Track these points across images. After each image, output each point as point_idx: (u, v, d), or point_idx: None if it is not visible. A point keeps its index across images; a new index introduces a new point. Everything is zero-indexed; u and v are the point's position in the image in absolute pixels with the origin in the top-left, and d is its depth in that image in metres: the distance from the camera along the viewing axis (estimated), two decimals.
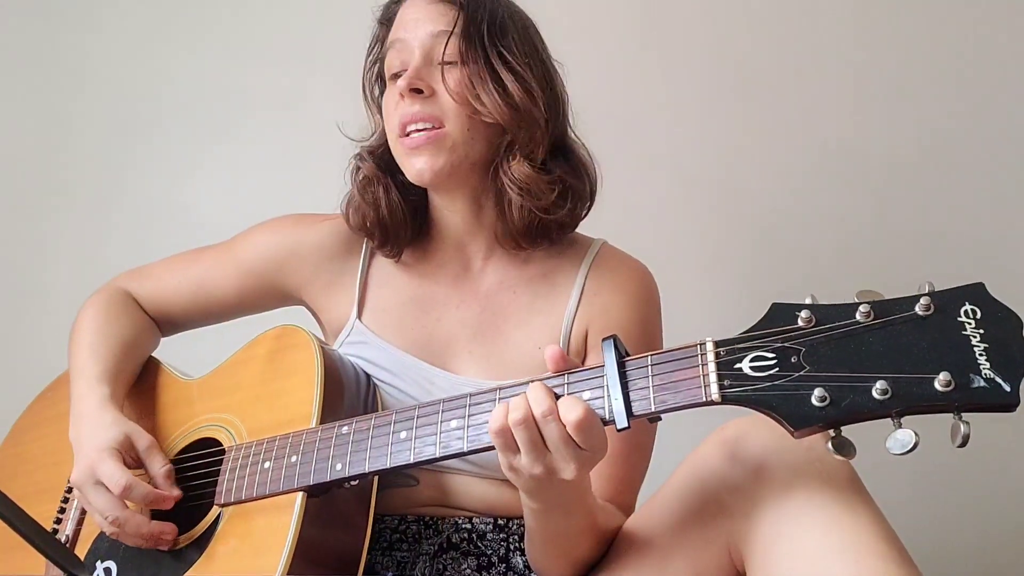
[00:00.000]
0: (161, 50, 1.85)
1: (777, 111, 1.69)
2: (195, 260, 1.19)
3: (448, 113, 1.00)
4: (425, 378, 1.06)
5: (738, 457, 0.82)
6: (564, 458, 0.77)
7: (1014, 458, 1.59)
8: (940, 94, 1.66)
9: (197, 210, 1.80)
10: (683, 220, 1.69)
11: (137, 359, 1.15)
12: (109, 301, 1.17)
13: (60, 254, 1.84)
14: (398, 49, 1.03)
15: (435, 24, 1.02)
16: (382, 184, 1.08)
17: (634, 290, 1.08)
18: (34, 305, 1.70)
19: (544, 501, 0.85)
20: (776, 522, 0.79)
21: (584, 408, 0.76)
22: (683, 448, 0.91)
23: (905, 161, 1.66)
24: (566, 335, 1.06)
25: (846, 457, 0.69)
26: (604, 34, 1.70)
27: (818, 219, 1.67)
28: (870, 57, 1.67)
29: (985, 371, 0.66)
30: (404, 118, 1.00)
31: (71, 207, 1.85)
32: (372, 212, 1.08)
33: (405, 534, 1.03)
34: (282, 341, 1.05)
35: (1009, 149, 1.64)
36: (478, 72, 1.00)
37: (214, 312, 1.19)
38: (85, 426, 1.01)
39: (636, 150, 1.60)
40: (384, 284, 1.13)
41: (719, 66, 1.70)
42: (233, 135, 1.82)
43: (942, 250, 1.61)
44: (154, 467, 0.99)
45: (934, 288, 0.71)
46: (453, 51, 1.01)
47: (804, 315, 0.72)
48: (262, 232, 1.17)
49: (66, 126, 1.87)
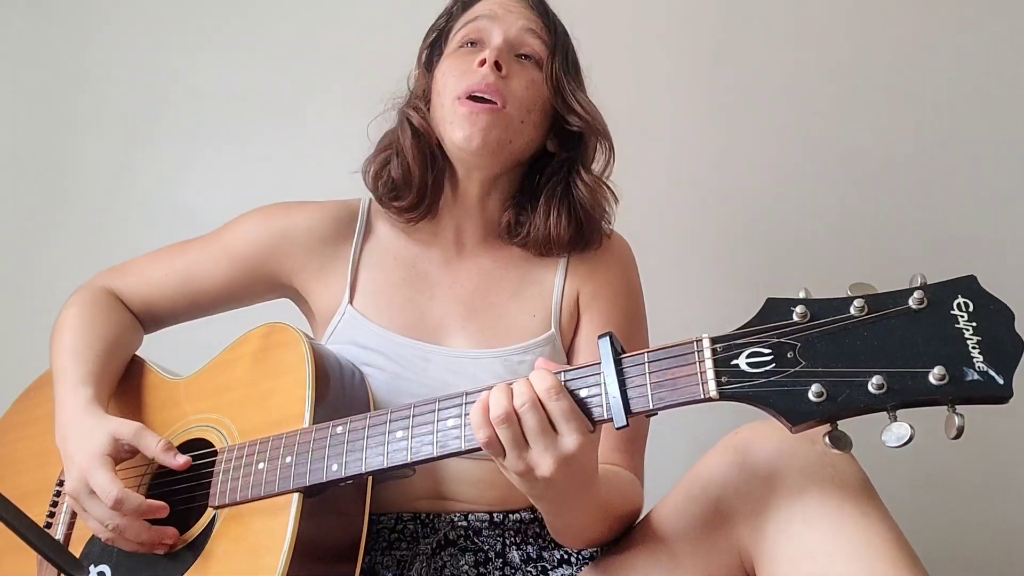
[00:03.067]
0: (161, 51, 1.86)
1: (773, 110, 1.70)
2: (179, 252, 1.18)
3: (515, 98, 1.05)
4: (420, 356, 1.07)
5: (748, 462, 0.83)
6: (540, 451, 0.77)
7: (1013, 458, 1.61)
8: (936, 94, 1.67)
9: (197, 210, 1.77)
10: (679, 219, 1.71)
11: (120, 359, 1.13)
12: (90, 300, 1.15)
13: (60, 254, 1.84)
14: (479, 25, 1.09)
15: (526, 21, 1.10)
16: (429, 139, 1.10)
17: (616, 252, 1.16)
18: (34, 305, 1.67)
19: (550, 505, 0.86)
20: (786, 527, 0.79)
21: (551, 376, 0.78)
22: (684, 447, 0.92)
23: (901, 160, 1.67)
24: (557, 302, 1.11)
25: (842, 450, 0.70)
26: (601, 34, 1.68)
27: (814, 218, 1.69)
28: (866, 56, 1.69)
29: (978, 364, 0.67)
30: (476, 85, 1.04)
31: (71, 207, 1.86)
32: (418, 168, 1.10)
33: (403, 533, 1.03)
34: (271, 339, 1.04)
35: (1005, 148, 1.66)
36: (572, 82, 1.09)
37: (201, 304, 1.17)
38: (71, 432, 1.00)
39: (634, 150, 1.60)
40: (376, 267, 1.13)
41: (718, 66, 1.71)
42: (233, 135, 1.83)
43: (939, 249, 1.63)
44: (150, 447, 0.97)
45: (926, 281, 0.71)
46: (541, 52, 1.09)
47: (799, 310, 0.73)
48: (251, 220, 1.16)
49: (66, 126, 1.87)
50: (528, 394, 0.77)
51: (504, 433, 0.77)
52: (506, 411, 0.77)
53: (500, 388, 0.78)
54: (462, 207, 1.13)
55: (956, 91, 1.67)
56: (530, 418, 0.76)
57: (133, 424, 0.99)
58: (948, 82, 1.67)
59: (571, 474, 0.79)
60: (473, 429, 0.79)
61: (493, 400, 0.77)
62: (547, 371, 0.79)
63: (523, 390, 0.77)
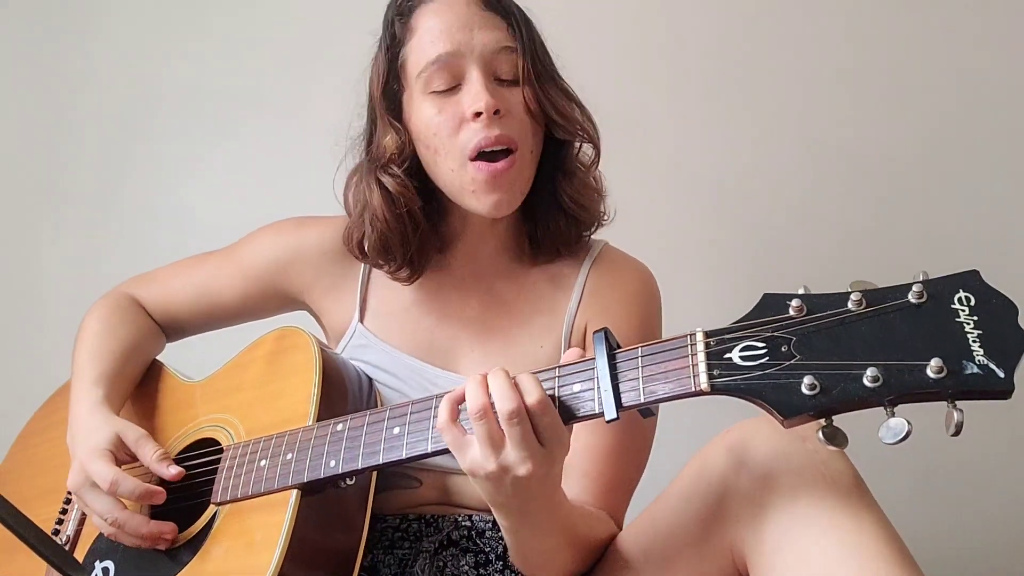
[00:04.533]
0: (160, 53, 1.86)
1: (774, 110, 1.69)
2: (199, 265, 1.20)
3: (519, 135, 0.98)
4: (428, 380, 1.06)
5: (742, 462, 0.81)
6: (520, 454, 0.75)
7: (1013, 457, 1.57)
8: (939, 94, 1.65)
9: (197, 213, 1.80)
10: (681, 220, 1.69)
11: (139, 363, 1.15)
12: (113, 306, 1.18)
13: (58, 258, 1.84)
14: (448, 64, 0.97)
15: (493, 38, 0.98)
16: (407, 203, 1.02)
17: (634, 290, 1.08)
18: (33, 308, 1.72)
19: (510, 516, 0.82)
20: (779, 527, 0.77)
21: (540, 388, 0.76)
22: (683, 452, 0.90)
23: (903, 161, 1.65)
24: (567, 334, 1.06)
25: (838, 447, 0.68)
26: (601, 34, 1.71)
27: (816, 218, 1.66)
28: (868, 57, 1.67)
29: (979, 357, 0.64)
30: (484, 142, 0.95)
31: (70, 210, 1.86)
32: (396, 236, 1.02)
33: (407, 532, 1.02)
34: (283, 343, 1.05)
35: (1007, 148, 1.63)
36: (551, 90, 1.01)
37: (218, 317, 1.19)
38: (79, 430, 1.02)
39: (635, 150, 1.61)
40: (387, 286, 1.12)
41: (717, 66, 1.70)
42: (233, 138, 1.82)
43: (940, 249, 1.59)
44: (146, 454, 0.98)
45: (928, 276, 0.70)
46: (521, 68, 0.98)
47: (795, 304, 0.71)
48: (264, 236, 1.17)
49: (65, 129, 1.87)
50: (513, 403, 0.75)
51: (481, 429, 0.75)
52: (483, 406, 0.75)
53: (477, 381, 0.77)
54: (473, 237, 1.09)
55: (956, 90, 1.64)
56: (516, 429, 0.75)
57: (138, 429, 1.00)
58: (948, 81, 1.64)
59: (543, 479, 0.77)
60: (439, 426, 0.78)
61: (470, 393, 0.76)
62: (535, 381, 0.77)
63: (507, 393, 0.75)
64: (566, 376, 0.79)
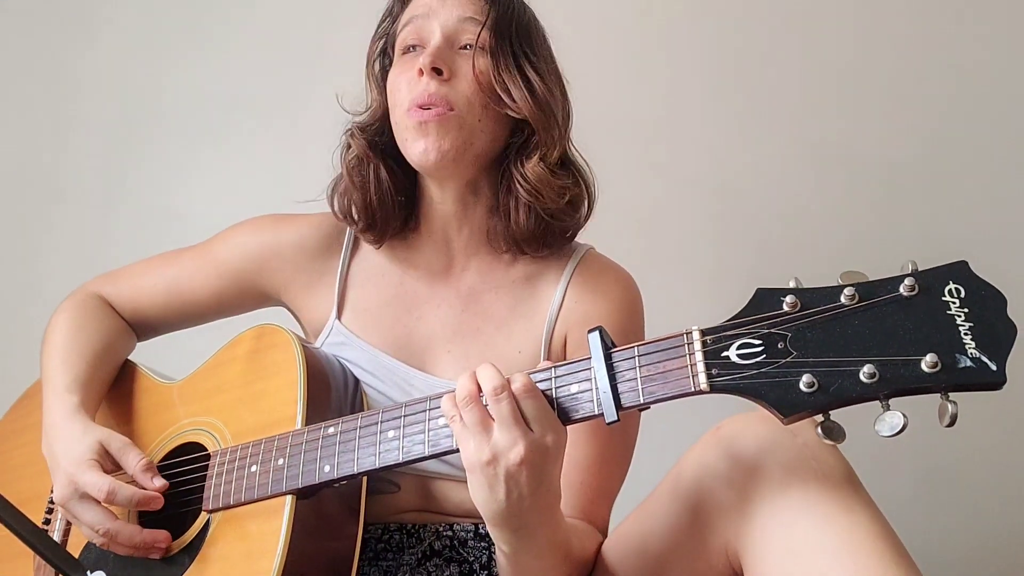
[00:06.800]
0: (158, 55, 1.86)
1: (772, 112, 1.69)
2: (171, 262, 1.17)
3: (463, 99, 0.99)
4: (403, 379, 1.05)
5: (733, 455, 0.81)
6: (507, 435, 0.75)
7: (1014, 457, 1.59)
8: (938, 94, 1.66)
9: (194, 214, 1.79)
10: (678, 222, 1.70)
11: (110, 365, 1.13)
12: (80, 306, 1.14)
13: (56, 258, 1.83)
14: (417, 25, 1.02)
15: (463, 10, 1.02)
16: (373, 165, 1.06)
17: (616, 297, 1.06)
18: (30, 309, 1.68)
19: (508, 532, 0.81)
20: (771, 521, 0.77)
21: (527, 375, 0.77)
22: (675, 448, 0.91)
23: (903, 161, 1.66)
24: (546, 341, 1.05)
25: (835, 442, 0.69)
26: (600, 36, 1.70)
27: (816, 218, 1.68)
28: (868, 57, 1.68)
29: (971, 350, 0.66)
30: (419, 98, 0.98)
31: (68, 211, 1.85)
32: (359, 195, 1.06)
33: (389, 543, 1.02)
34: (262, 341, 1.03)
35: (1007, 148, 1.64)
36: (507, 65, 1.00)
37: (191, 314, 1.16)
38: (57, 440, 0.99)
39: (632, 151, 1.61)
40: (364, 283, 1.11)
41: (715, 67, 1.70)
42: (230, 139, 1.82)
43: (940, 249, 1.58)
44: (130, 464, 0.96)
45: (917, 268, 0.71)
46: (481, 40, 1.00)
47: (789, 300, 0.72)
48: (241, 232, 1.14)
49: (63, 130, 1.87)
50: (497, 380, 0.77)
51: (469, 415, 0.77)
52: (470, 392, 0.77)
53: (468, 375, 0.79)
54: (444, 220, 1.07)
55: (956, 90, 1.66)
56: (502, 406, 0.76)
57: (121, 437, 0.98)
58: (947, 81, 1.66)
59: (538, 476, 0.76)
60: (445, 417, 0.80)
61: (460, 383, 0.78)
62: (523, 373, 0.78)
63: (492, 375, 0.77)
64: (562, 377, 0.79)
